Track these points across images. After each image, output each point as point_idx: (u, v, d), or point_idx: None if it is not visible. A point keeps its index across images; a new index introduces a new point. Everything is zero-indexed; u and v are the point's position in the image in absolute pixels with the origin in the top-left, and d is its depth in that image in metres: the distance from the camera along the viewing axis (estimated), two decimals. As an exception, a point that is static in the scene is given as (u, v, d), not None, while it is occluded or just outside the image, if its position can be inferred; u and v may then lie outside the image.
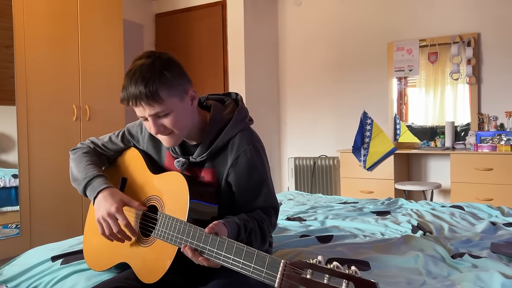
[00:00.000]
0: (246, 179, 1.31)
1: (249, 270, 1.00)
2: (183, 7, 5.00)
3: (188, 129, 1.30)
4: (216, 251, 1.08)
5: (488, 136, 3.91)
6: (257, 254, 1.00)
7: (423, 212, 2.39)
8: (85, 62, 3.76)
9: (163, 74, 1.21)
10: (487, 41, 4.05)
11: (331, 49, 4.81)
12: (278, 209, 1.41)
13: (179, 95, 1.25)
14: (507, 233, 1.94)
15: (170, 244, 1.18)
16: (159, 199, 1.30)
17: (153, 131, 1.25)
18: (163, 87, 1.20)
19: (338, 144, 4.70)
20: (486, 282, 1.31)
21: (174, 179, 1.28)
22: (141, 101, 1.20)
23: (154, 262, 1.22)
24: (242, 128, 1.35)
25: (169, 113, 1.23)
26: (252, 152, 1.32)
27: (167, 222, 1.20)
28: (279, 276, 0.93)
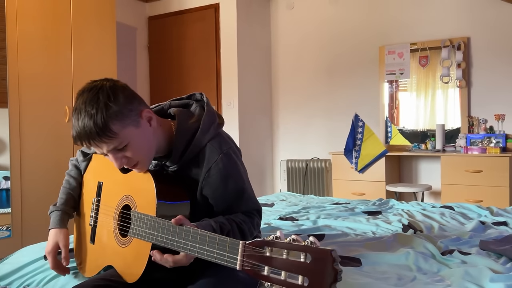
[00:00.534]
0: (222, 189, 1.27)
1: (213, 256, 0.99)
2: (176, 10, 5.01)
3: (153, 151, 1.26)
4: (183, 242, 1.06)
5: (478, 138, 3.96)
6: (219, 239, 0.98)
7: (413, 212, 2.42)
8: (78, 63, 3.76)
9: (109, 107, 1.13)
10: (476, 45, 4.11)
11: (323, 52, 4.85)
12: (261, 210, 1.38)
13: (133, 122, 1.19)
14: (496, 231, 1.97)
15: (145, 242, 1.18)
16: (131, 197, 1.29)
17: (117, 165, 1.21)
18: (113, 120, 1.13)
19: (330, 146, 4.73)
20: (475, 277, 1.33)
21: (142, 176, 1.27)
22: (94, 140, 1.13)
23: (133, 261, 1.22)
24: (211, 137, 1.29)
25: (127, 144, 1.18)
26: (224, 161, 1.27)
27: (139, 220, 1.19)
28: (239, 258, 0.92)
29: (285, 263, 0.85)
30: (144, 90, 5.15)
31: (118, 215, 1.32)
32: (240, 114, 4.61)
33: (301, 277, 0.82)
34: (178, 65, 4.97)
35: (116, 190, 1.36)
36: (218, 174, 1.26)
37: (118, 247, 1.29)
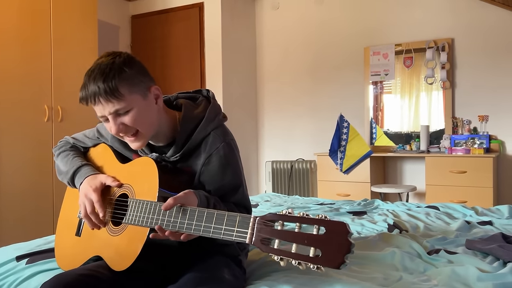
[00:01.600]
0: (219, 177, 1.28)
1: (220, 233, 0.98)
2: (160, 9, 4.94)
3: (154, 129, 1.26)
4: (187, 222, 1.05)
5: (462, 139, 3.97)
6: (228, 215, 0.98)
7: (399, 212, 2.39)
8: (58, 62, 3.66)
9: (123, 70, 1.18)
10: (460, 47, 4.13)
11: (308, 53, 4.83)
12: (251, 211, 1.38)
13: (141, 92, 1.22)
14: (481, 231, 1.95)
15: (141, 228, 1.15)
16: (129, 186, 1.27)
17: (113, 131, 1.21)
18: (123, 83, 1.17)
19: (315, 147, 4.70)
20: (462, 276, 1.30)
21: (144, 164, 1.25)
22: (100, 97, 1.16)
23: (125, 248, 1.19)
24: (215, 126, 1.32)
25: (129, 110, 1.19)
26: (225, 150, 1.29)
27: (137, 206, 1.18)
28: (250, 231, 0.92)
29: (297, 236, 0.85)
30: (127, 90, 5.06)
31: (113, 203, 1.29)
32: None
33: (312, 249, 0.82)
34: (161, 65, 4.90)
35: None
36: (218, 161, 1.27)
37: (109, 237, 1.26)
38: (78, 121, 3.77)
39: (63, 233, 1.45)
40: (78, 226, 1.39)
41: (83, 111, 3.84)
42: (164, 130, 1.31)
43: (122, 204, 1.28)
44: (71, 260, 1.36)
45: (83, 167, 1.38)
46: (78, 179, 1.36)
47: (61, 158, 1.47)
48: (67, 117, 3.72)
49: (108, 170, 1.39)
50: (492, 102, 4.01)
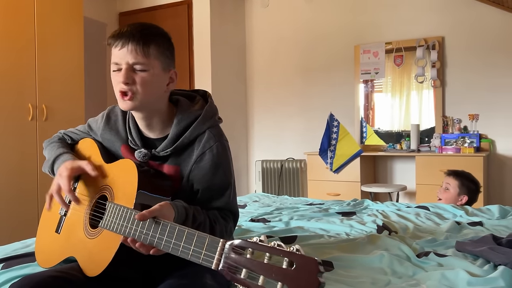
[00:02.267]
0: (209, 176, 1.25)
1: (188, 253, 0.93)
2: (148, 6, 4.87)
3: (150, 102, 1.23)
4: (158, 236, 1.00)
5: (452, 138, 3.95)
6: (198, 235, 0.92)
7: (388, 213, 2.36)
8: (43, 60, 3.58)
9: (162, 36, 1.23)
10: (451, 45, 4.11)
11: (298, 51, 4.79)
12: (237, 216, 1.34)
13: (164, 64, 1.23)
14: (472, 232, 1.92)
15: (116, 234, 1.10)
16: (109, 188, 1.23)
17: (122, 79, 1.18)
18: (156, 46, 1.20)
19: (305, 146, 4.67)
20: (451, 281, 1.27)
21: (124, 166, 1.21)
22: (130, 43, 1.17)
23: (98, 254, 1.14)
24: (211, 125, 1.30)
25: (145, 71, 1.19)
26: (219, 149, 1.27)
27: (114, 211, 1.13)
28: (217, 256, 0.87)
29: (265, 267, 0.80)
30: (114, 88, 4.98)
31: (93, 205, 1.25)
32: (213, 113, 4.50)
33: (280, 284, 0.77)
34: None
35: (95, 179, 1.29)
36: (210, 160, 1.25)
37: (85, 238, 1.21)
38: (64, 120, 3.69)
39: (44, 228, 1.42)
40: (59, 223, 1.35)
41: (69, 110, 3.77)
42: (160, 117, 1.28)
43: (101, 206, 1.23)
44: (48, 257, 1.33)
45: (64, 155, 1.36)
46: (57, 165, 1.34)
47: (48, 150, 1.45)
48: (52, 116, 3.64)
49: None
50: (483, 100, 4.00)
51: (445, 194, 2.86)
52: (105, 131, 1.38)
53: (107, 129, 1.38)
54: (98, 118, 1.43)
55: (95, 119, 1.45)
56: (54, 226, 1.37)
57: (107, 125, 1.38)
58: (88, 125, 1.46)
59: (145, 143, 1.31)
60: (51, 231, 1.36)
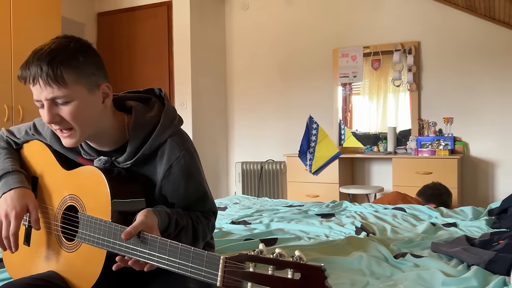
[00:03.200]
0: (183, 188, 1.20)
1: (188, 270, 0.92)
2: (127, 7, 4.83)
3: (92, 130, 1.13)
4: (148, 252, 0.98)
5: (427, 141, 4.05)
6: (194, 252, 0.91)
7: (366, 214, 2.40)
8: (19, 60, 3.51)
9: (74, 57, 1.06)
10: (426, 50, 4.21)
11: (278, 53, 4.83)
12: (217, 212, 1.33)
13: (89, 85, 1.09)
14: (447, 233, 1.98)
15: (97, 248, 1.08)
16: (77, 198, 1.17)
17: (46, 119, 1.07)
18: (70, 70, 1.05)
19: (285, 148, 4.70)
20: (427, 281, 1.31)
21: (91, 175, 1.15)
22: (40, 79, 1.03)
23: (83, 269, 1.11)
24: (172, 133, 1.20)
25: (69, 102, 1.06)
26: (186, 159, 1.19)
27: (90, 224, 1.09)
28: (220, 273, 0.86)
29: (271, 279, 0.80)
30: (92, 89, 4.93)
31: (60, 216, 1.19)
32: (193, 115, 4.50)
33: None
34: (128, 63, 4.79)
35: (57, 188, 1.23)
36: (180, 172, 1.17)
37: (63, 252, 1.17)
38: (41, 121, 3.64)
39: None
40: (26, 234, 1.28)
41: (46, 111, 3.72)
42: (110, 134, 1.18)
43: (70, 217, 1.18)
44: (20, 269, 1.28)
45: (13, 174, 1.22)
46: (3, 186, 1.20)
47: None
48: (28, 117, 3.58)
49: (49, 176, 1.27)
50: (457, 104, 4.10)
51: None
52: (54, 140, 1.26)
53: (55, 140, 1.26)
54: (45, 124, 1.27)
55: (41, 121, 1.30)
56: (21, 237, 1.28)
57: (54, 136, 1.25)
58: (35, 128, 1.32)
59: (100, 154, 1.22)
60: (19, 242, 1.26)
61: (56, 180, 1.24)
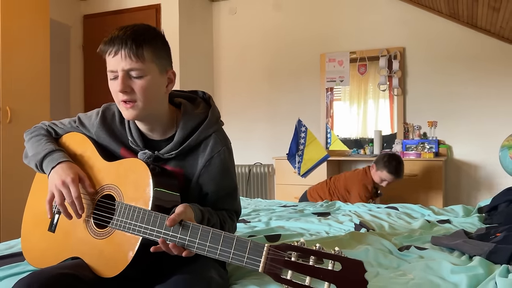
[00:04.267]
0: (218, 180, 1.27)
1: (228, 256, 0.96)
2: (115, 9, 4.81)
3: (152, 108, 1.21)
4: (189, 239, 1.02)
5: (412, 144, 4.15)
6: (237, 239, 0.96)
7: (361, 213, 2.46)
8: (7, 61, 3.47)
9: (154, 39, 1.19)
10: (411, 55, 4.33)
11: (266, 57, 4.88)
12: (240, 213, 1.39)
13: (160, 67, 1.20)
14: (442, 228, 2.05)
15: (131, 235, 1.10)
16: (116, 187, 1.20)
17: (119, 88, 1.15)
18: (149, 49, 1.16)
19: (272, 151, 4.75)
20: (435, 270, 1.36)
21: (134, 167, 1.19)
22: (123, 51, 1.14)
23: (113, 255, 1.13)
24: (216, 129, 1.31)
25: (142, 76, 1.16)
26: (226, 154, 1.28)
27: (127, 211, 1.12)
28: (263, 260, 0.90)
29: (311, 269, 0.85)
30: (77, 91, 4.88)
31: (94, 204, 1.22)
32: (181, 118, 4.50)
33: (327, 284, 0.83)
34: (115, 66, 4.76)
35: (95, 178, 1.26)
36: (219, 165, 1.26)
37: (92, 238, 1.19)
38: (29, 123, 3.54)
39: (31, 226, 1.36)
40: (51, 222, 1.30)
41: (34, 112, 3.66)
42: (162, 121, 1.27)
43: (106, 205, 1.21)
44: (42, 256, 1.29)
45: (56, 152, 1.29)
46: (49, 163, 1.26)
47: (31, 142, 1.37)
48: (17, 118, 3.52)
49: (89, 166, 1.29)
50: (440, 108, 4.23)
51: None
52: (100, 130, 1.33)
53: (102, 129, 1.33)
54: (92, 114, 1.38)
55: (87, 115, 1.40)
56: (43, 223, 1.32)
57: (102, 124, 1.33)
58: (79, 121, 1.39)
59: (146, 144, 1.30)
60: (42, 230, 1.32)
61: (95, 170, 1.28)
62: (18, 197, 3.34)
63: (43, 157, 1.29)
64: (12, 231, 3.33)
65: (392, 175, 3.29)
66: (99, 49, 1.19)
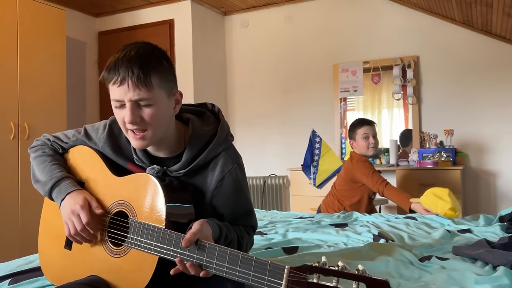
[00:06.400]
0: (233, 200, 1.25)
1: (248, 278, 0.94)
2: (129, 25, 4.89)
3: (161, 133, 1.18)
4: (206, 259, 1.00)
5: (429, 153, 4.10)
6: (256, 261, 0.93)
7: (379, 224, 2.42)
8: (25, 78, 3.54)
9: (161, 62, 1.14)
10: (425, 64, 4.30)
11: (278, 69, 4.89)
12: (256, 228, 1.38)
13: (168, 91, 1.16)
14: (463, 238, 2.00)
15: (148, 254, 1.09)
16: (128, 204, 1.18)
17: (129, 119, 1.11)
18: (157, 75, 1.11)
19: (287, 163, 4.73)
20: (459, 281, 1.33)
21: (144, 182, 1.17)
22: (130, 80, 1.08)
23: (131, 274, 1.12)
24: (226, 146, 1.27)
25: (151, 105, 1.12)
26: (237, 172, 1.25)
27: (141, 229, 1.10)
28: (284, 283, 0.87)
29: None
30: (93, 107, 4.95)
31: (107, 221, 1.21)
32: (196, 131, 4.52)
33: None
34: (130, 81, 4.81)
35: (105, 194, 1.24)
36: (232, 184, 1.23)
37: (109, 257, 1.18)
38: (46, 139, 3.63)
39: (47, 243, 1.36)
40: (67, 239, 1.29)
41: (51, 128, 3.71)
42: (169, 140, 1.23)
43: (119, 222, 1.20)
44: (62, 274, 1.28)
45: (64, 181, 1.25)
46: (58, 195, 1.24)
47: (37, 163, 1.33)
48: (34, 134, 3.58)
49: (98, 182, 1.28)
50: (456, 116, 4.18)
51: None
52: (106, 146, 1.30)
53: (109, 144, 1.30)
54: (99, 128, 1.34)
55: (94, 127, 1.35)
56: (60, 241, 1.32)
57: (109, 139, 1.30)
58: (86, 133, 1.35)
59: (153, 161, 1.26)
60: (58, 247, 1.32)
61: (105, 186, 1.26)
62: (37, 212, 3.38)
63: (51, 188, 1.26)
64: (31, 245, 3.36)
65: (364, 125, 3.21)
66: (101, 77, 1.14)
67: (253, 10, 5.02)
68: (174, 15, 4.65)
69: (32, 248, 3.20)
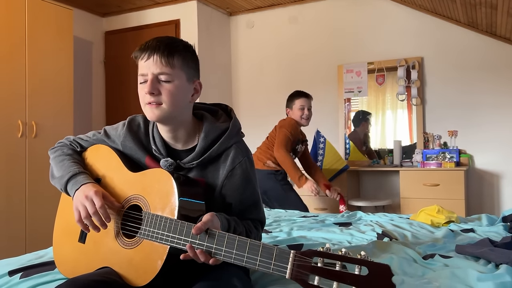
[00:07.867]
0: (241, 191, 1.30)
1: (255, 264, 0.97)
2: (135, 25, 4.93)
3: (175, 113, 1.26)
4: (215, 246, 1.04)
5: (433, 154, 4.12)
6: (263, 246, 0.97)
7: (383, 223, 2.44)
8: (33, 77, 3.58)
9: (185, 49, 1.26)
10: (430, 65, 4.31)
11: (283, 70, 4.92)
12: (265, 223, 1.41)
13: (188, 75, 1.27)
14: (466, 237, 2.02)
15: (159, 244, 1.13)
16: (142, 198, 1.23)
17: (147, 89, 1.22)
18: (181, 57, 1.24)
19: (291, 163, 4.74)
20: (462, 278, 1.35)
21: (159, 176, 1.22)
22: (155, 55, 1.21)
23: (142, 264, 1.16)
24: (237, 140, 1.34)
25: (171, 81, 1.23)
26: (247, 164, 1.31)
27: (154, 221, 1.15)
28: (290, 266, 0.91)
29: (338, 274, 0.85)
30: (99, 105, 4.98)
31: (122, 214, 1.26)
32: (201, 130, 4.55)
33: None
34: (135, 81, 4.81)
35: (121, 189, 1.29)
36: (241, 175, 1.30)
37: (121, 248, 1.22)
38: (53, 137, 3.67)
39: (62, 238, 1.41)
40: (82, 232, 1.34)
41: (58, 126, 3.76)
42: (185, 130, 1.31)
43: (132, 215, 1.24)
44: (75, 267, 1.32)
45: (80, 175, 1.31)
46: (73, 186, 1.29)
47: (55, 162, 1.39)
48: (42, 132, 3.62)
49: (114, 178, 1.33)
50: (460, 117, 4.19)
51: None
52: (127, 139, 1.37)
53: (129, 137, 1.36)
54: (118, 126, 1.42)
55: (113, 127, 1.44)
56: (73, 234, 1.36)
57: (129, 133, 1.37)
58: (105, 133, 1.43)
59: (169, 153, 1.33)
60: (73, 240, 1.36)
61: (121, 181, 1.30)
62: (43, 209, 3.43)
63: (67, 181, 1.31)
64: (38, 242, 3.40)
65: (302, 97, 3.61)
66: (133, 55, 1.26)
67: (258, 10, 5.05)
68: (180, 15, 4.69)
69: (39, 244, 3.24)
